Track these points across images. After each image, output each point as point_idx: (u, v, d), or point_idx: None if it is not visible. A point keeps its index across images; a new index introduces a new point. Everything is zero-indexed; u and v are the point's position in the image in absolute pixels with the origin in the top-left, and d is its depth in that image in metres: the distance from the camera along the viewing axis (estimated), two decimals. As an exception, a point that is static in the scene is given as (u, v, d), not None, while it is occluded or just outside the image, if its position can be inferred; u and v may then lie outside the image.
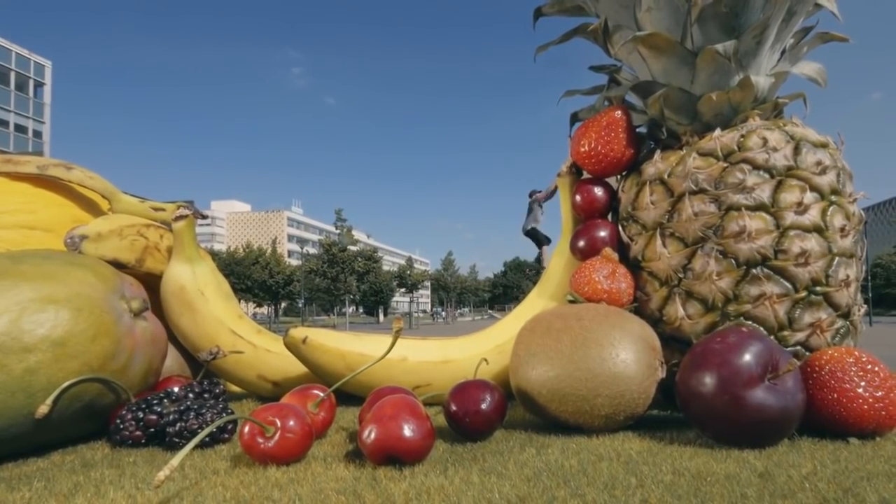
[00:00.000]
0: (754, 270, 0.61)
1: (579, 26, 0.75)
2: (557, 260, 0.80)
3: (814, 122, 0.69)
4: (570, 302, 0.68)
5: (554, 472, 0.44)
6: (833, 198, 0.63)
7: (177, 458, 0.39)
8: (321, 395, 0.59)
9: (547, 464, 0.47)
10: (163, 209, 0.86)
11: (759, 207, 0.62)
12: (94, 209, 0.86)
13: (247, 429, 0.49)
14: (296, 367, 0.79)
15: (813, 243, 0.61)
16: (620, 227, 0.71)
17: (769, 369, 0.51)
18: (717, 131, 0.66)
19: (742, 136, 0.65)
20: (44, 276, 0.58)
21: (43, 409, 0.53)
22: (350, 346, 0.74)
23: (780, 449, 0.50)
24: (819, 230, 0.62)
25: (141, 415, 0.58)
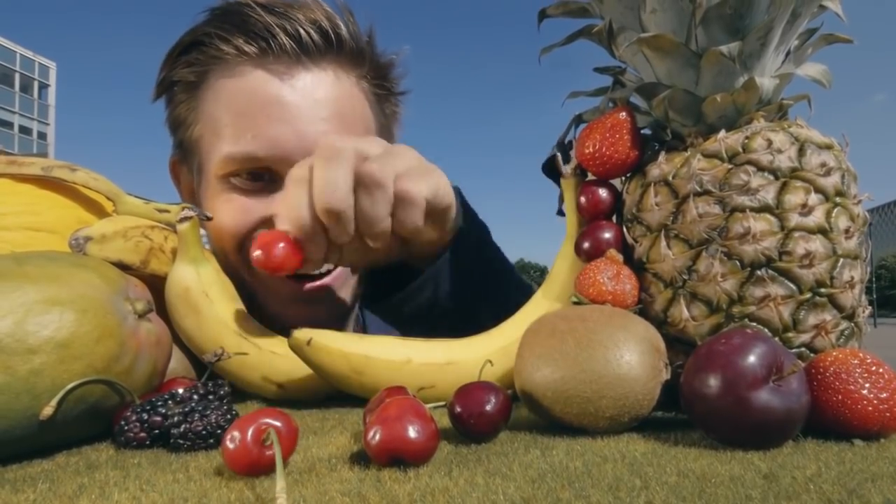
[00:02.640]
0: (759, 272, 0.61)
1: (584, 28, 0.75)
2: (562, 262, 0.80)
3: (818, 123, 0.69)
4: (575, 303, 0.68)
5: (558, 474, 0.44)
6: (837, 199, 0.63)
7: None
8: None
9: (551, 465, 0.47)
10: (167, 210, 0.86)
11: (764, 209, 0.62)
12: (98, 211, 0.86)
13: (238, 434, 0.46)
14: (301, 369, 0.79)
15: (817, 245, 0.61)
16: (625, 229, 0.71)
17: (774, 371, 0.51)
18: (722, 133, 0.66)
19: (746, 137, 0.64)
20: (48, 277, 0.58)
21: (48, 411, 0.53)
22: (354, 347, 0.74)
23: (785, 450, 0.50)
24: (824, 232, 0.61)
25: (145, 416, 0.58)
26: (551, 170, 0.80)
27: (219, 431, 0.56)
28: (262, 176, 0.89)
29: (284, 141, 0.86)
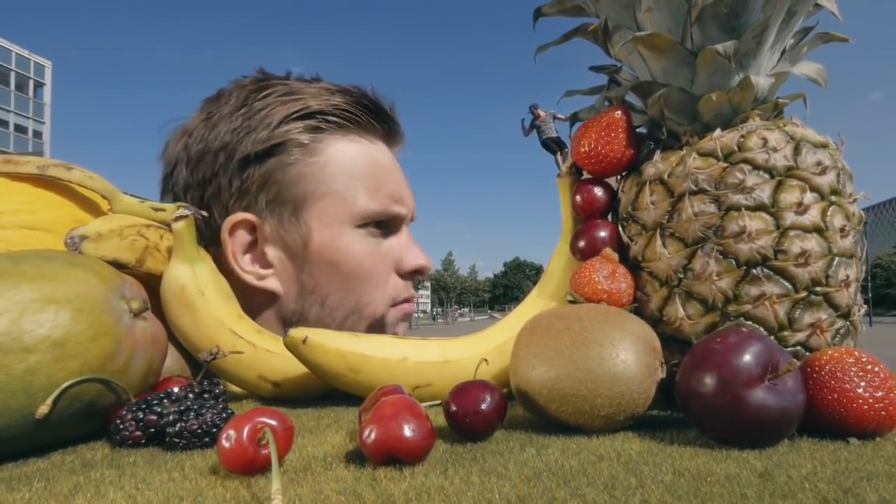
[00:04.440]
0: (754, 271, 0.61)
1: (579, 26, 0.75)
2: (557, 260, 0.80)
3: (814, 122, 0.69)
4: (570, 302, 0.68)
5: (554, 473, 0.44)
6: (833, 198, 0.63)
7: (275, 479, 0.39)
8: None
9: (547, 464, 0.47)
10: (163, 209, 0.86)
11: (760, 208, 0.62)
12: (94, 209, 0.86)
13: (233, 433, 0.46)
14: (296, 368, 0.79)
15: (813, 243, 0.61)
16: (620, 228, 0.71)
17: (769, 369, 0.51)
18: (717, 131, 0.66)
19: (742, 136, 0.65)
20: (44, 276, 0.58)
21: (43, 410, 0.53)
22: (350, 346, 0.74)
23: (780, 449, 0.50)
24: (819, 230, 0.62)
25: (141, 415, 0.58)
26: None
27: (214, 430, 0.56)
28: (381, 224, 1.01)
29: (408, 201, 1.05)
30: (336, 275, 0.97)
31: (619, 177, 0.76)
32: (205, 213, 0.85)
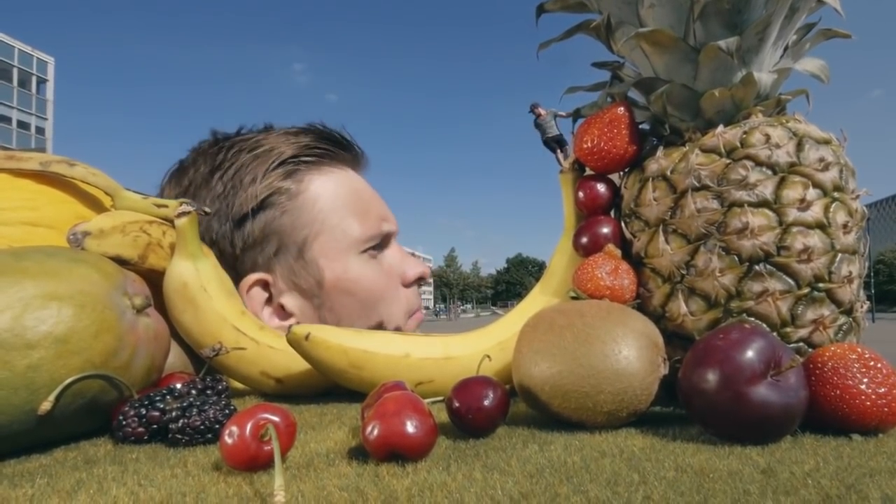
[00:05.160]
0: (757, 267, 0.61)
1: (581, 23, 0.75)
2: (560, 257, 0.80)
3: (816, 118, 0.69)
4: (573, 298, 0.68)
5: (556, 469, 0.44)
6: (836, 194, 0.63)
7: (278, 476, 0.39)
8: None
9: (549, 460, 0.47)
10: (165, 206, 0.86)
11: (762, 204, 0.62)
12: (96, 206, 0.86)
13: (236, 429, 0.46)
14: (299, 364, 0.79)
15: (816, 240, 0.61)
16: (623, 224, 0.71)
17: (772, 366, 0.51)
18: (720, 128, 0.66)
19: (745, 132, 0.64)
20: (47, 272, 0.58)
21: (46, 406, 0.53)
22: (353, 342, 0.74)
23: (783, 445, 0.50)
24: (822, 227, 0.61)
25: (143, 411, 0.58)
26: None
27: (217, 426, 0.56)
28: (377, 245, 1.05)
29: (392, 217, 1.11)
30: (355, 303, 1.01)
31: (621, 173, 0.75)
32: (208, 210, 0.85)
